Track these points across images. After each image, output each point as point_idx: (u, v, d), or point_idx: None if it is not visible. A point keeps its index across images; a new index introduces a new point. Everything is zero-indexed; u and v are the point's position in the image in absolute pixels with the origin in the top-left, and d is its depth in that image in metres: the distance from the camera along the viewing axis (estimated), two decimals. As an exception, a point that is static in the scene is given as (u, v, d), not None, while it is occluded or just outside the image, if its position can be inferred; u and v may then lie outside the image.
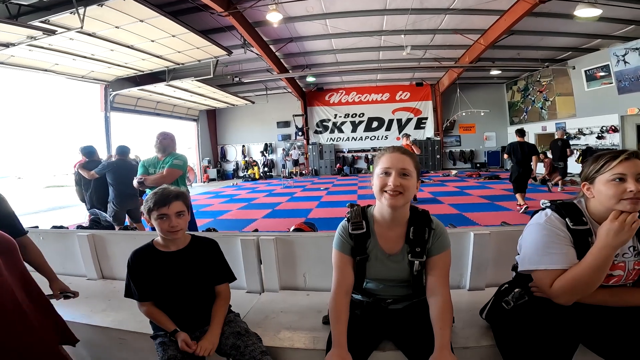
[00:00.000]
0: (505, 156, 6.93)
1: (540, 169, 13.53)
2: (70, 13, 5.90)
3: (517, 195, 6.66)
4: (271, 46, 10.58)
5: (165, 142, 3.37)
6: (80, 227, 2.81)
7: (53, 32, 6.39)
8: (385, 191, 1.29)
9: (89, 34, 7.05)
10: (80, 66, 9.08)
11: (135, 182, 3.32)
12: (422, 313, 1.36)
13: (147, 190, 3.44)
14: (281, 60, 11.84)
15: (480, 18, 9.06)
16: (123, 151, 4.96)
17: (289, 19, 8.77)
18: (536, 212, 1.35)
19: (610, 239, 1.10)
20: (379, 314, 1.45)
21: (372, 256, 1.39)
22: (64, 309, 1.89)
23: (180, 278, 1.52)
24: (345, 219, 1.43)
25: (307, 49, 11.41)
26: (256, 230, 4.87)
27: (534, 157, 6.62)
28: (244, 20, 8.44)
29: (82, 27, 6.16)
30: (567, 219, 1.23)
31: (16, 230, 1.67)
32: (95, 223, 2.79)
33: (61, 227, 3.09)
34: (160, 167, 3.33)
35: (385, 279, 1.42)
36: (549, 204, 1.33)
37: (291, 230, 3.65)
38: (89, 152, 4.93)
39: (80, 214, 4.76)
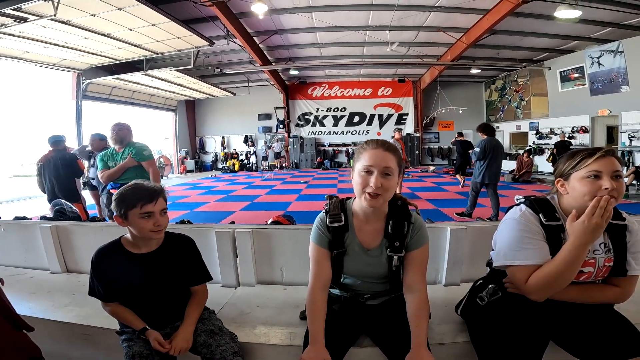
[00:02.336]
0: (451, 145, 10.13)
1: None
2: (44, 0, 5.51)
3: (457, 175, 9.84)
4: (255, 38, 10.37)
5: (122, 134, 3.26)
6: (44, 218, 2.66)
7: (25, 20, 6.03)
8: (366, 191, 1.24)
9: (63, 22, 6.67)
10: (51, 54, 8.62)
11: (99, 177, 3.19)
12: (400, 309, 1.34)
13: (111, 184, 3.32)
14: (264, 52, 11.64)
15: (464, 16, 9.19)
16: None
17: (274, 10, 8.60)
18: (511, 207, 1.35)
19: (587, 236, 1.10)
20: (356, 309, 1.42)
21: (350, 250, 1.35)
22: (22, 304, 1.78)
23: (151, 282, 1.39)
24: (323, 211, 1.38)
25: (292, 42, 11.26)
26: (233, 223, 4.78)
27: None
28: (227, 10, 8.21)
29: (55, 15, 5.82)
30: (540, 215, 1.23)
31: None
32: (61, 214, 2.64)
33: (24, 217, 2.91)
34: (121, 159, 3.23)
35: (364, 275, 1.38)
36: (523, 200, 1.33)
37: (269, 223, 3.59)
38: (54, 142, 4.73)
39: (46, 205, 4.53)
